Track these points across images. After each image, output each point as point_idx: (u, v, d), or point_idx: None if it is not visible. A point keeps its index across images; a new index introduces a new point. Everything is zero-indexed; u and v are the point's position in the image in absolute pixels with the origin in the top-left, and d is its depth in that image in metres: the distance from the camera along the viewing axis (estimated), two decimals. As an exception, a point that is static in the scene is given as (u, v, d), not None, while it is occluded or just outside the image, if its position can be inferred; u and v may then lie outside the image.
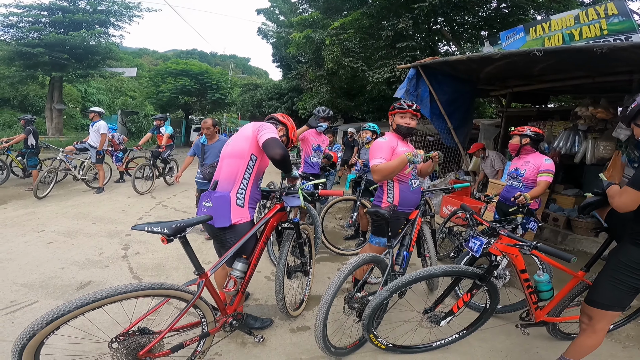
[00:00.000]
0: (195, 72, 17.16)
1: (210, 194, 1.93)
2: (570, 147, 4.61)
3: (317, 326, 1.90)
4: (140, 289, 1.45)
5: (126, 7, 15.09)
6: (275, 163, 1.90)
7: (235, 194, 1.90)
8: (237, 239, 1.84)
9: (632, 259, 1.63)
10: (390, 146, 2.33)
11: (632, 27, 3.73)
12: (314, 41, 10.29)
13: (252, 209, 2.01)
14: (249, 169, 1.95)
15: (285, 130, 2.25)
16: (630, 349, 2.46)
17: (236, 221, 1.87)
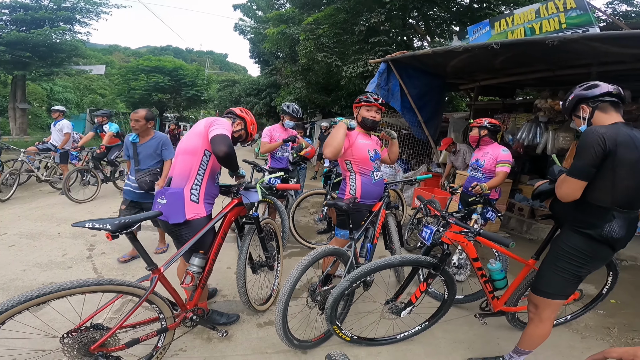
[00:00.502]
0: (169, 68, 16.81)
1: (164, 190, 1.94)
2: (533, 139, 4.79)
3: (277, 319, 1.92)
4: (87, 285, 1.44)
5: (93, 3, 14.54)
6: (219, 160, 1.90)
7: (189, 190, 1.91)
8: (192, 234, 1.85)
9: (573, 245, 1.66)
10: (347, 135, 2.36)
11: (590, 21, 3.83)
12: (288, 37, 10.22)
13: (209, 204, 2.03)
14: (202, 165, 1.95)
15: (244, 124, 2.23)
16: (589, 340, 2.48)
17: (191, 217, 1.88)
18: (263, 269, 2.53)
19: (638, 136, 1.54)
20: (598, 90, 1.64)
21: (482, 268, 2.13)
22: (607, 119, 1.62)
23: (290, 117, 3.77)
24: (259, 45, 16.60)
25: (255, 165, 3.48)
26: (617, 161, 1.48)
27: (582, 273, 1.69)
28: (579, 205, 1.62)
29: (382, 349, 2.23)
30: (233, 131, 2.17)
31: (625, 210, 1.56)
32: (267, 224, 2.60)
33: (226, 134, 1.86)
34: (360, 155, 2.39)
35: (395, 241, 2.80)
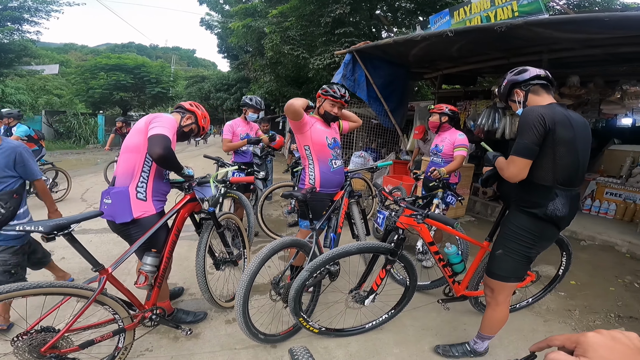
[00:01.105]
0: (130, 66, 16.19)
1: (109, 190, 1.89)
2: (492, 124, 4.96)
3: (237, 314, 1.89)
4: (26, 288, 1.43)
5: (42, 2, 13.61)
6: (156, 163, 1.84)
7: (134, 188, 1.86)
8: (143, 233, 1.81)
9: (520, 226, 1.69)
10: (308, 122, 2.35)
11: (539, 8, 3.93)
12: (255, 30, 10.02)
13: (159, 201, 1.97)
14: (147, 162, 1.89)
15: (194, 117, 2.16)
16: (551, 323, 2.52)
17: (139, 215, 1.84)
18: (227, 265, 2.49)
19: (572, 116, 1.60)
20: (528, 74, 1.70)
21: (439, 252, 2.16)
22: (541, 100, 1.67)
23: (254, 109, 3.69)
24: (227, 40, 16.22)
25: (217, 160, 3.38)
26: (556, 139, 1.52)
27: (532, 253, 1.73)
28: (523, 185, 1.66)
29: (352, 339, 2.23)
30: (183, 125, 2.11)
31: (566, 188, 1.60)
32: (228, 219, 2.55)
33: (163, 134, 1.79)
34: (318, 140, 2.36)
35: (360, 230, 2.80)
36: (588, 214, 5.02)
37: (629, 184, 4.80)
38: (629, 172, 4.97)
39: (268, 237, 3.77)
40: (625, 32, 3.29)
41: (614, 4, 9.01)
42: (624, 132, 5.68)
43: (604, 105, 4.63)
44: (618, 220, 4.77)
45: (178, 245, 3.48)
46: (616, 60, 4.47)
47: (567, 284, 3.06)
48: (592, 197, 5.10)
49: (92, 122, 16.37)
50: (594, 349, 0.46)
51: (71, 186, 5.82)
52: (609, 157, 5.45)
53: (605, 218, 4.87)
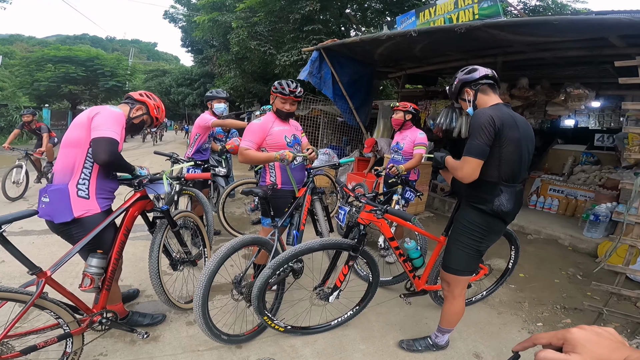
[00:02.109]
0: (82, 58, 15.24)
1: (47, 187, 1.75)
2: (450, 123, 5.18)
3: (197, 315, 1.82)
4: None
5: (-11, -8, 12.29)
6: (103, 168, 1.78)
7: (75, 185, 1.74)
8: (86, 233, 1.71)
9: (469, 219, 1.77)
10: (262, 128, 2.29)
11: (498, 12, 4.11)
12: (221, 24, 9.75)
13: (105, 199, 1.84)
14: (89, 157, 1.76)
15: (145, 108, 2.04)
16: (504, 315, 2.61)
17: (81, 214, 1.72)
18: (185, 266, 2.39)
19: (516, 116, 1.70)
20: (477, 74, 1.76)
21: (399, 247, 2.20)
22: (489, 100, 1.75)
23: (219, 99, 3.48)
24: (192, 34, 15.65)
25: (170, 156, 3.19)
26: (503, 139, 1.61)
27: (482, 247, 1.81)
28: (471, 182, 1.71)
29: (318, 337, 2.22)
30: (132, 117, 1.98)
31: (510, 184, 1.69)
32: (185, 217, 2.43)
33: (108, 137, 1.69)
34: (276, 142, 2.31)
35: (323, 227, 2.79)
36: (534, 209, 5.36)
37: (571, 181, 5.19)
38: (570, 170, 5.39)
39: (230, 235, 3.65)
40: (572, 35, 3.55)
41: (566, 9, 9.68)
42: (566, 133, 6.15)
43: (549, 107, 4.97)
44: (561, 215, 5.13)
45: (133, 246, 3.29)
46: (563, 63, 4.85)
47: (517, 276, 3.22)
48: (537, 193, 5.47)
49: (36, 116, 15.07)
50: (582, 344, 0.47)
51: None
52: (552, 156, 5.88)
53: (549, 213, 5.22)
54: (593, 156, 5.40)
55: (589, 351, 0.46)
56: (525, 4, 10.05)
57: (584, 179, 5.12)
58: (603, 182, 4.82)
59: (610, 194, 4.47)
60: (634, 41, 3.26)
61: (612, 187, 4.51)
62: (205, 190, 3.44)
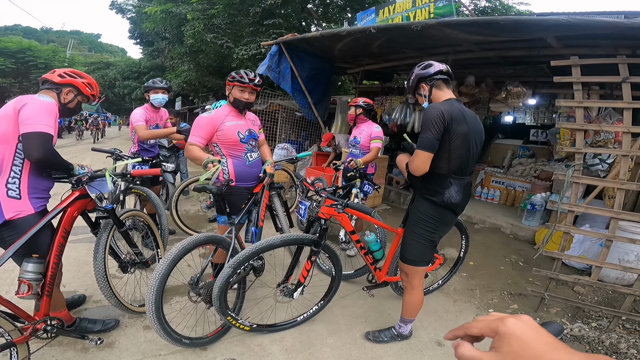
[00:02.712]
0: (12, 49, 14.08)
1: None
2: (404, 118, 5.38)
3: (151, 321, 1.73)
4: None
5: None
6: (36, 166, 1.65)
7: (4, 185, 1.58)
8: (19, 235, 1.57)
9: (423, 211, 1.84)
10: (212, 122, 2.18)
11: (451, 11, 4.29)
12: (175, 16, 9.22)
13: (38, 199, 1.69)
14: (19, 154, 1.60)
15: (75, 90, 1.85)
16: (459, 303, 2.72)
17: (12, 216, 1.59)
18: (137, 268, 2.26)
19: (467, 112, 1.77)
20: (432, 69, 1.83)
21: (360, 241, 2.23)
22: (442, 95, 1.82)
23: (156, 89, 3.12)
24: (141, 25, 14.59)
25: (112, 153, 2.90)
26: (452, 133, 1.68)
27: (435, 238, 1.88)
28: (425, 175, 1.78)
29: (286, 334, 2.20)
30: (65, 103, 1.82)
31: (459, 177, 1.78)
32: (133, 217, 2.28)
33: (40, 131, 1.54)
34: (228, 138, 2.21)
35: (283, 222, 2.75)
36: (479, 199, 5.76)
37: (510, 173, 5.65)
38: (509, 163, 5.86)
39: (185, 234, 3.49)
40: (517, 35, 3.82)
41: (511, 11, 10.48)
42: (506, 128, 6.68)
43: (492, 104, 5.37)
44: (502, 205, 5.55)
45: (75, 249, 3.01)
46: (505, 63, 5.22)
47: (467, 265, 3.40)
48: (482, 185, 5.88)
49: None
50: (512, 340, 0.40)
51: None
52: (494, 150, 6.35)
53: (492, 203, 5.62)
54: (529, 150, 5.90)
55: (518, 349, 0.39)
56: (475, 4, 10.74)
57: (521, 170, 5.57)
58: (538, 173, 5.27)
59: (544, 184, 4.86)
60: (569, 42, 3.57)
61: (546, 178, 4.93)
62: (156, 188, 3.22)
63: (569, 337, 2.41)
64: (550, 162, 5.31)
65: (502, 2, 10.49)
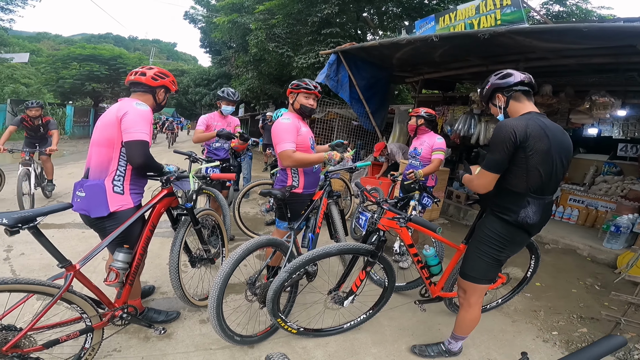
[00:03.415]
0: (106, 57, 15.78)
1: (82, 182, 1.81)
2: (468, 130, 5.10)
3: (211, 316, 1.84)
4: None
5: (19, -10, 12.93)
6: (137, 171, 1.84)
7: (111, 182, 1.79)
8: (118, 226, 1.75)
9: (492, 229, 1.73)
10: (296, 127, 2.19)
11: (521, 18, 4.03)
12: (240, 26, 9.92)
13: (137, 194, 1.90)
14: (123, 156, 1.80)
15: (166, 88, 2.04)
16: (519, 323, 2.58)
17: (116, 209, 1.78)
18: (203, 263, 2.43)
19: (549, 125, 1.60)
20: (512, 80, 1.69)
21: (417, 254, 2.17)
22: (521, 108, 1.68)
23: (227, 101, 3.52)
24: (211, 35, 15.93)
25: (189, 156, 3.24)
26: (528, 151, 1.55)
27: (502, 257, 1.76)
28: (498, 191, 1.69)
29: (330, 339, 2.22)
30: (160, 102, 2.03)
31: (538, 197, 1.63)
32: (207, 216, 2.48)
33: (141, 140, 1.73)
34: (304, 144, 2.27)
35: (339, 230, 2.79)
36: (553, 219, 5.22)
37: (592, 192, 5.06)
38: (592, 180, 5.25)
39: (245, 235, 3.69)
40: (600, 42, 3.46)
41: (590, 16, 9.38)
42: (588, 142, 5.98)
43: (573, 115, 4.85)
44: (580, 226, 5.00)
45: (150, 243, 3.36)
46: (587, 70, 4.73)
47: (533, 285, 3.15)
48: (557, 203, 5.34)
49: (60, 113, 15.66)
50: None
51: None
52: (574, 165, 5.70)
53: (568, 223, 5.09)
54: (615, 166, 5.24)
55: None
56: (548, 9, 9.80)
57: (605, 189, 4.97)
58: (625, 193, 4.69)
59: (632, 205, 4.33)
60: (663, 48, 3.14)
61: (635, 199, 4.39)
62: (224, 192, 3.48)
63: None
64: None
65: (579, 6, 9.45)
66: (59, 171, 7.37)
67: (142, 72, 1.90)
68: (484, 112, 5.14)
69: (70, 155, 10.68)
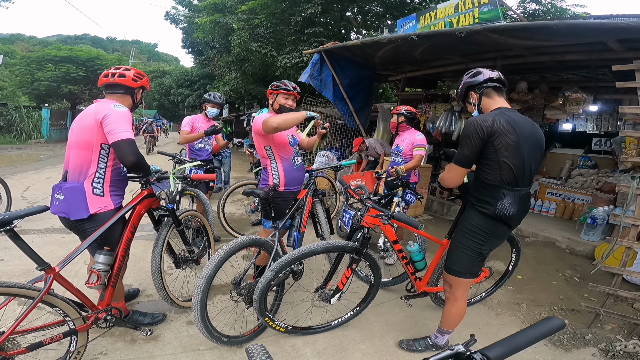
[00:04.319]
0: (83, 58, 15.33)
1: (60, 185, 1.79)
2: (449, 126, 5.21)
3: (195, 318, 1.83)
4: None
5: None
6: (130, 170, 1.84)
7: (90, 184, 1.78)
8: (97, 228, 1.75)
9: (473, 223, 1.77)
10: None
11: (498, 16, 4.13)
12: (222, 26, 9.82)
13: (117, 196, 1.89)
14: (102, 158, 1.80)
15: (142, 89, 2.05)
16: (503, 316, 2.62)
17: (96, 211, 1.78)
18: (188, 265, 2.42)
19: (517, 120, 1.66)
20: (481, 77, 1.76)
21: (402, 250, 2.20)
22: (492, 103, 1.75)
23: (213, 104, 3.59)
24: (193, 35, 15.71)
25: (173, 157, 3.22)
26: (497, 145, 1.61)
27: (484, 250, 1.80)
28: (476, 185, 1.74)
29: (319, 337, 2.23)
30: (135, 103, 2.03)
31: (513, 188, 1.68)
32: (190, 216, 2.46)
33: (129, 138, 1.73)
34: (281, 140, 2.32)
35: (324, 229, 2.80)
36: (532, 212, 5.36)
37: (568, 185, 5.24)
38: (568, 174, 5.43)
39: (230, 236, 3.67)
40: (571, 39, 3.58)
41: (565, 14, 9.67)
42: (564, 137, 6.19)
43: (548, 111, 5.02)
44: (558, 218, 5.15)
45: (133, 246, 3.29)
46: (561, 67, 4.89)
47: (515, 278, 3.22)
48: (535, 196, 5.50)
49: (35, 116, 15.13)
50: None
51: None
52: (550, 159, 5.91)
53: (547, 216, 5.24)
54: (590, 160, 5.44)
55: None
56: (524, 8, 10.07)
57: (581, 182, 5.15)
58: (600, 185, 4.86)
59: (607, 197, 4.49)
60: (631, 45, 3.30)
61: (609, 191, 4.54)
62: (208, 193, 3.46)
63: (622, 354, 2.21)
64: (614, 173, 4.85)
65: (554, 4, 9.76)
66: (36, 176, 7.15)
67: (120, 74, 1.88)
68: (463, 110, 5.25)
69: (48, 159, 10.32)
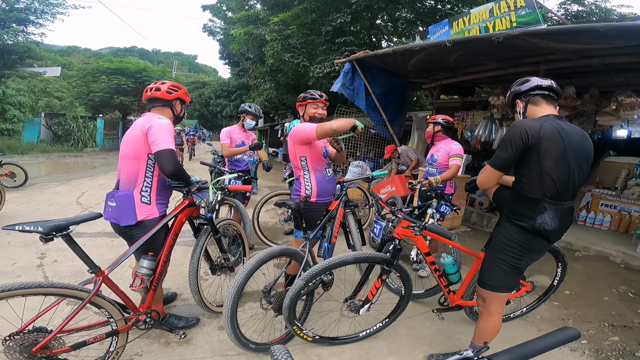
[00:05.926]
0: (132, 70, 16.41)
1: (114, 193, 1.93)
2: (489, 135, 4.98)
3: (225, 325, 1.88)
4: (27, 287, 1.46)
5: (48, 4, 13.85)
6: (170, 178, 1.94)
7: (139, 192, 1.91)
8: (144, 234, 1.86)
9: (509, 236, 1.68)
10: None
11: (537, 19, 3.94)
12: (256, 37, 10.17)
13: (162, 204, 2.02)
14: (149, 168, 1.93)
15: (180, 100, 2.15)
16: (545, 332, 2.55)
17: (143, 218, 1.89)
18: (223, 271, 2.51)
19: (566, 128, 1.56)
20: (528, 85, 1.70)
21: (434, 262, 2.14)
22: (539, 111, 1.66)
23: (252, 116, 3.70)
24: (229, 47, 16.44)
25: (214, 167, 3.38)
26: (541, 154, 1.52)
27: (521, 265, 1.71)
28: (513, 197, 1.66)
29: (345, 348, 2.21)
30: (178, 114, 2.14)
31: (555, 202, 1.58)
32: (228, 225, 2.57)
33: (169, 149, 1.84)
34: (317, 151, 2.35)
35: (355, 240, 2.78)
36: (583, 225, 5.01)
37: (624, 196, 4.82)
38: (624, 184, 5.00)
39: (264, 244, 3.76)
40: (620, 42, 3.33)
41: (611, 14, 9.00)
42: (619, 144, 5.70)
43: (600, 117, 4.65)
44: (613, 232, 4.77)
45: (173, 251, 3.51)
46: (612, 70, 4.54)
47: (561, 293, 3.04)
48: (587, 208, 5.11)
49: (91, 126, 16.48)
50: None
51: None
52: (604, 168, 5.47)
53: (600, 229, 4.87)
54: (649, 169, 4.97)
55: None
56: (566, 9, 9.49)
57: (638, 193, 4.73)
58: (661, 197, 4.42)
59: (669, 210, 4.07)
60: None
61: (672, 204, 4.12)
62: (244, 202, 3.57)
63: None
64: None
65: (598, 5, 9.10)
66: (90, 182, 7.79)
67: (156, 88, 2.02)
68: (504, 117, 5.02)
69: (102, 167, 11.23)
